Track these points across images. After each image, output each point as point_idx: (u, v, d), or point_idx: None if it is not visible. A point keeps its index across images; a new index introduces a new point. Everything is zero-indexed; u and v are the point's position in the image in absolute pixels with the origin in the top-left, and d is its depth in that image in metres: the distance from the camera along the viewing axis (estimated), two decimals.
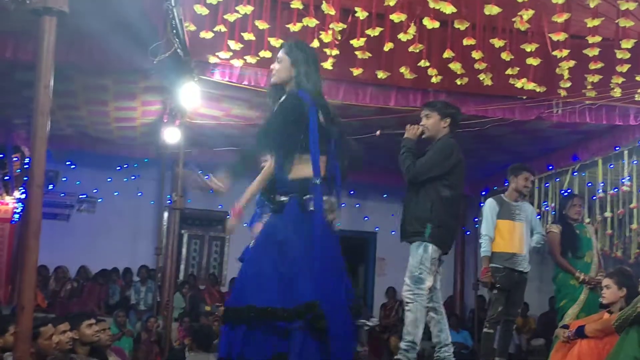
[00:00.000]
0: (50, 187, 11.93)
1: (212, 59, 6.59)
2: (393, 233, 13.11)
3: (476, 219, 10.73)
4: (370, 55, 6.09)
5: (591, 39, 5.45)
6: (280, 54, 3.73)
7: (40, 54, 2.76)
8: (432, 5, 5.25)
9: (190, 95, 7.23)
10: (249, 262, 3.59)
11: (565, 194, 8.97)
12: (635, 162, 8.14)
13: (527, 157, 9.42)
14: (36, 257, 2.64)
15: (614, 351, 4.52)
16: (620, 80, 6.14)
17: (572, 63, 5.84)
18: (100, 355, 5.47)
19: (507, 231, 6.30)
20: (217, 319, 9.52)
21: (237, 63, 6.53)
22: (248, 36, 6.00)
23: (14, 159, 11.23)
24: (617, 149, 8.26)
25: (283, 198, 3.55)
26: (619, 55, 5.71)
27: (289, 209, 3.50)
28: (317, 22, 5.76)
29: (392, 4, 5.44)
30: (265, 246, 3.51)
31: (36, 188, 2.68)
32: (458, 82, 6.50)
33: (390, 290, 12.88)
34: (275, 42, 5.99)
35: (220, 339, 3.56)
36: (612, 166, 8.57)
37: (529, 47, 5.79)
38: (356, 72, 6.32)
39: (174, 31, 6.14)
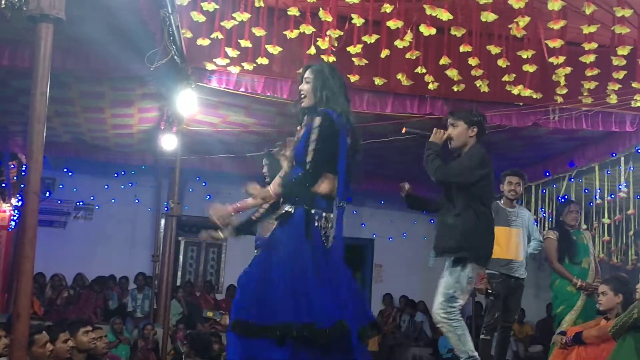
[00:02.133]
0: (47, 194, 11.93)
1: (209, 66, 6.59)
2: (390, 240, 13.15)
3: None
4: (367, 62, 6.10)
5: (587, 46, 5.46)
6: (308, 74, 3.77)
7: (37, 61, 2.76)
8: (428, 12, 5.25)
9: (187, 102, 7.23)
10: (255, 276, 3.57)
11: (562, 200, 8.98)
12: (631, 168, 8.15)
13: (524, 164, 9.43)
14: (32, 264, 2.63)
15: (610, 358, 4.52)
16: (617, 86, 6.15)
17: (568, 70, 5.86)
18: None
19: (503, 237, 6.28)
20: (216, 327, 9.51)
21: (234, 70, 6.54)
22: (245, 43, 6.01)
23: (11, 166, 11.23)
24: (613, 155, 8.27)
25: (288, 208, 3.58)
26: (615, 61, 5.73)
27: (295, 220, 3.53)
28: (314, 29, 5.77)
29: (388, 11, 5.45)
30: (270, 260, 3.53)
31: (32, 195, 2.67)
32: (455, 88, 6.51)
33: (387, 297, 12.88)
34: (272, 49, 6.00)
35: (228, 349, 3.55)
36: (608, 172, 8.58)
37: (526, 54, 5.80)
38: (353, 78, 6.33)
39: (171, 38, 6.15)
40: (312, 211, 3.55)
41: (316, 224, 3.55)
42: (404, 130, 5.01)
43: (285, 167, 3.93)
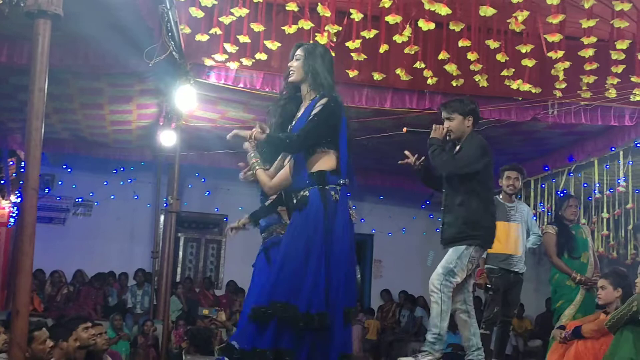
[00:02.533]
0: (46, 191, 11.93)
1: (208, 62, 6.59)
2: (390, 235, 13.16)
3: None
4: (365, 57, 6.10)
5: (586, 40, 5.46)
6: (299, 52, 3.88)
7: (35, 57, 2.76)
8: (427, 6, 5.25)
9: (186, 98, 7.23)
10: (283, 262, 3.66)
11: (561, 194, 8.98)
12: (630, 162, 8.15)
13: (523, 158, 9.43)
14: (31, 261, 2.63)
15: (609, 352, 4.52)
16: (615, 81, 6.15)
17: (567, 64, 5.85)
18: (96, 359, 5.46)
19: (502, 232, 6.27)
20: (215, 322, 9.53)
21: (233, 65, 6.53)
22: (243, 39, 6.00)
23: (10, 163, 11.22)
24: (612, 149, 8.27)
25: (304, 192, 3.70)
26: (614, 56, 5.72)
27: (312, 202, 3.64)
28: (313, 24, 5.77)
29: (387, 5, 5.45)
30: (292, 246, 3.64)
31: (31, 191, 2.67)
32: (454, 83, 6.51)
33: (385, 292, 12.89)
34: (270, 44, 5.99)
35: (247, 333, 3.62)
36: (607, 167, 8.58)
37: (524, 49, 5.79)
38: (352, 73, 6.33)
39: (170, 34, 6.15)
40: (327, 187, 3.66)
41: (333, 199, 3.65)
42: (404, 130, 5.04)
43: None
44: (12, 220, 11.18)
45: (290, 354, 3.47)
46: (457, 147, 4.80)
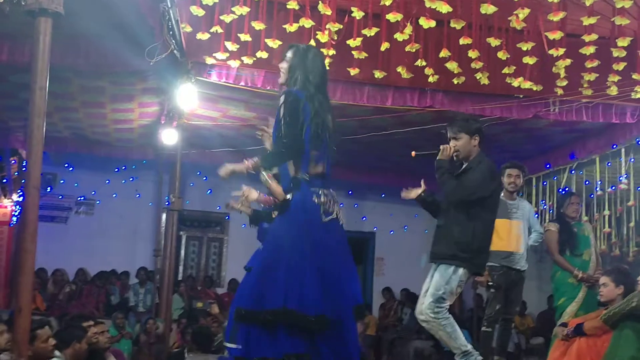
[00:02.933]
0: (49, 189, 11.94)
1: (209, 60, 6.58)
2: (392, 233, 13.16)
3: None
4: (366, 55, 6.09)
5: (587, 37, 5.45)
6: (290, 53, 3.90)
7: (36, 56, 2.77)
8: (428, 4, 5.25)
9: (187, 97, 7.23)
10: (262, 266, 3.66)
11: (563, 192, 8.98)
12: (632, 159, 8.14)
13: (525, 156, 9.42)
14: (33, 259, 2.64)
15: (609, 350, 4.52)
16: (617, 78, 6.14)
17: (568, 61, 5.84)
18: (98, 357, 5.47)
19: (504, 230, 6.28)
20: (216, 320, 9.52)
21: (234, 64, 6.52)
22: (244, 37, 6.00)
23: (12, 161, 11.23)
24: (614, 147, 8.26)
25: (288, 196, 3.71)
26: (615, 53, 5.72)
27: (292, 205, 3.65)
28: (314, 22, 5.76)
29: (388, 3, 5.44)
30: (274, 250, 3.65)
31: (33, 189, 2.68)
32: (455, 81, 6.50)
33: (386, 290, 12.88)
34: (271, 42, 5.99)
35: (238, 338, 3.63)
36: (609, 164, 8.57)
37: (525, 46, 5.79)
38: (353, 72, 6.33)
39: (171, 32, 6.15)
40: (310, 189, 3.67)
41: (315, 201, 3.66)
42: (413, 154, 5.02)
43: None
44: (14, 219, 11.20)
45: (304, 357, 3.47)
46: (464, 167, 4.80)
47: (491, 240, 4.85)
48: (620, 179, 8.25)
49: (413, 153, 5.03)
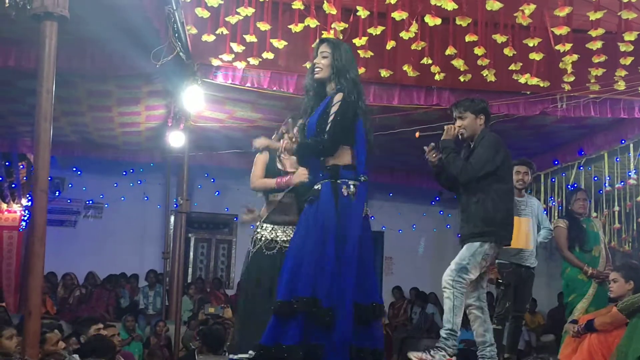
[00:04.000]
0: (57, 194, 11.98)
1: (215, 62, 6.59)
2: (400, 232, 13.14)
3: None
4: (372, 54, 6.08)
5: (594, 32, 5.43)
6: (325, 48, 3.91)
7: (42, 59, 2.77)
8: (433, 2, 5.24)
9: (194, 99, 7.24)
10: (293, 255, 3.71)
11: (572, 188, 8.94)
12: None
13: (533, 153, 9.39)
14: (42, 262, 2.65)
15: (622, 343, 4.51)
16: (624, 73, 6.12)
17: (575, 57, 5.82)
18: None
19: (513, 227, 6.25)
20: (226, 322, 9.53)
21: (240, 65, 6.53)
22: (250, 38, 6.00)
23: (20, 166, 11.27)
24: (622, 142, 8.22)
25: (317, 186, 3.76)
26: (622, 48, 5.68)
27: (322, 196, 3.70)
28: (319, 22, 5.75)
29: (393, 2, 5.44)
30: (305, 238, 3.69)
31: (40, 193, 2.68)
32: (461, 78, 6.49)
33: (396, 289, 12.86)
34: (277, 43, 5.99)
35: (269, 328, 3.64)
36: (618, 160, 8.53)
37: (532, 42, 5.76)
38: (359, 71, 6.30)
39: (176, 35, 6.16)
40: (339, 182, 3.71)
41: (345, 193, 3.69)
42: (417, 135, 5.02)
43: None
44: (23, 224, 11.24)
45: (319, 348, 3.49)
46: (472, 146, 4.80)
47: (512, 210, 4.87)
48: (629, 174, 8.21)
49: (417, 134, 5.04)
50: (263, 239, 4.68)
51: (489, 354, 4.77)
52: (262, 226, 4.71)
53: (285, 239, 4.60)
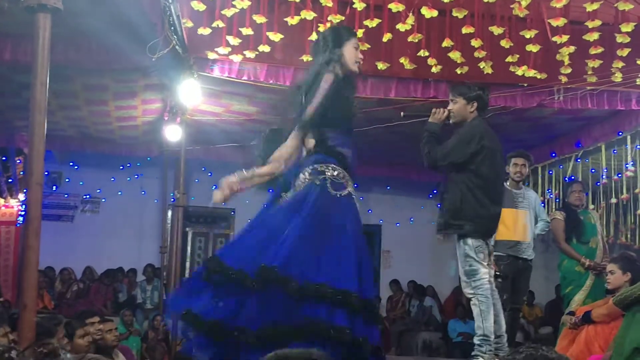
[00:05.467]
0: (54, 188, 11.96)
1: (211, 55, 6.57)
2: (398, 225, 13.14)
3: None
4: (369, 46, 6.06)
5: (591, 24, 5.42)
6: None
7: (36, 52, 2.76)
8: None
9: (190, 92, 7.22)
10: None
11: (569, 180, 8.95)
12: (638, 147, 8.10)
13: (530, 145, 9.38)
14: (37, 255, 2.64)
15: (619, 334, 4.50)
16: (621, 64, 6.11)
17: (572, 49, 5.81)
18: (106, 355, 5.47)
19: (510, 219, 6.27)
20: None
21: (236, 58, 6.51)
22: (246, 31, 5.98)
23: (17, 161, 11.25)
24: (620, 134, 8.22)
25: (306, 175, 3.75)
26: (619, 39, 5.67)
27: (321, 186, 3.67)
28: (315, 14, 5.74)
29: None
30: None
31: (36, 186, 2.67)
32: (458, 71, 6.47)
33: (394, 282, 12.88)
34: (273, 36, 5.97)
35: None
36: (615, 152, 8.53)
37: (529, 34, 5.75)
38: None
39: (172, 28, 6.14)
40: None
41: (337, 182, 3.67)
42: (402, 114, 4.99)
43: None
44: (20, 219, 11.22)
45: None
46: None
47: (493, 203, 4.79)
48: (627, 166, 8.21)
49: (402, 113, 5.00)
50: None
51: (496, 345, 4.75)
52: None
53: None
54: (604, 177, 8.73)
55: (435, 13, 5.50)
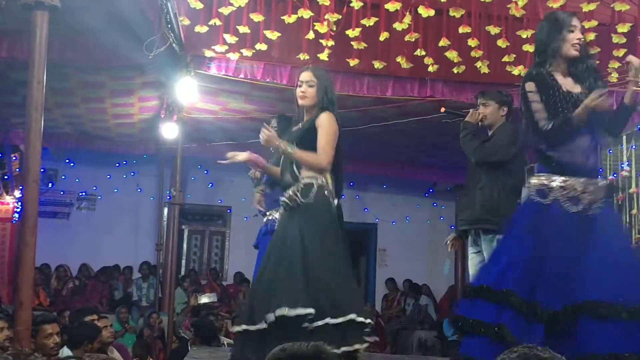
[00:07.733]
0: (50, 185, 11.95)
1: (208, 53, 6.57)
2: (393, 223, 13.15)
3: None
4: (366, 45, 6.08)
5: (587, 24, 5.42)
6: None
7: (33, 49, 2.76)
8: None
9: (187, 90, 7.22)
10: None
11: None
12: (633, 147, 8.12)
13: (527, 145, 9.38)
14: (33, 252, 2.64)
15: None
16: (617, 65, 6.12)
17: None
18: (102, 352, 5.47)
19: None
20: (220, 314, 9.54)
21: (233, 56, 6.51)
22: (243, 29, 5.98)
23: (13, 158, 11.23)
24: None
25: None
26: (615, 39, 5.70)
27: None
28: (312, 13, 5.74)
29: None
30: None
31: (32, 183, 2.68)
32: (455, 70, 6.49)
33: (389, 281, 12.89)
34: (270, 34, 5.97)
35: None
36: (611, 152, 8.54)
37: (525, 34, 5.77)
38: (352, 62, 6.31)
39: (169, 26, 6.13)
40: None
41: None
42: (442, 109, 5.11)
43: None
44: (16, 216, 11.20)
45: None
46: (490, 134, 4.89)
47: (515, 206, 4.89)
48: (622, 166, 8.23)
49: (442, 109, 5.12)
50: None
51: None
52: None
53: None
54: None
55: (432, 12, 5.52)
